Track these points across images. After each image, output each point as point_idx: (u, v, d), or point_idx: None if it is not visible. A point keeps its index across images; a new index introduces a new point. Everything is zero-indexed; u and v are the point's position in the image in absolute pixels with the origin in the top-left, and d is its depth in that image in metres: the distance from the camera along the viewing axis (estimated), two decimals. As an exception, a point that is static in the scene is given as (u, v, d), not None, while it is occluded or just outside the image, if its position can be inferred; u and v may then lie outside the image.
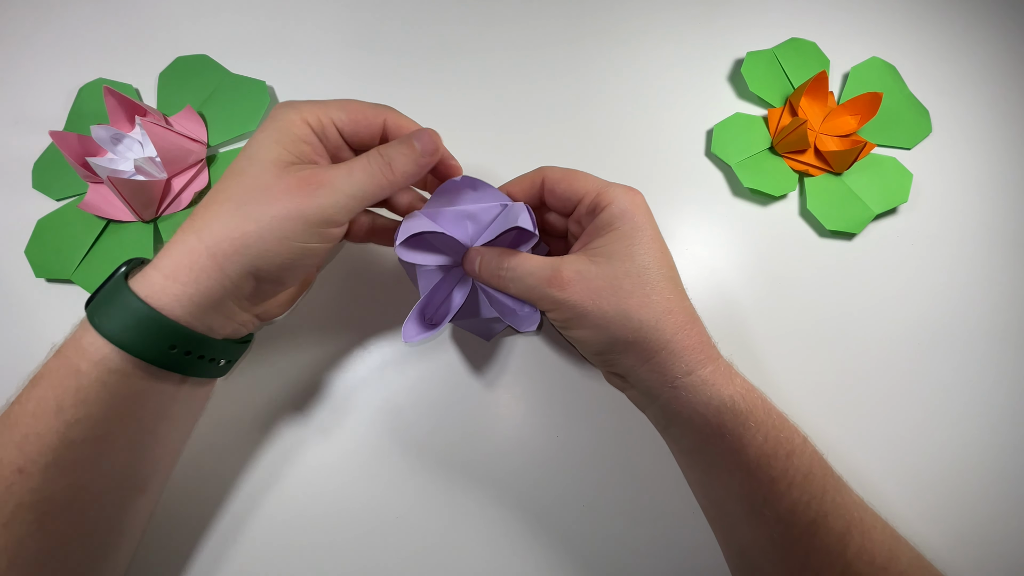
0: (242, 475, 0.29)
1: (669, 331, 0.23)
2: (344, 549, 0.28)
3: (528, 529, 0.29)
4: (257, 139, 0.23)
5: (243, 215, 0.21)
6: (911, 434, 0.31)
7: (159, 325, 0.21)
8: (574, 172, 0.26)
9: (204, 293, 0.21)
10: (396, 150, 0.24)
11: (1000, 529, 0.30)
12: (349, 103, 0.25)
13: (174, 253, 0.21)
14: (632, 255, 0.24)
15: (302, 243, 0.22)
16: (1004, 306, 0.34)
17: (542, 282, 0.24)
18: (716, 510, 0.26)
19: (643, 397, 0.25)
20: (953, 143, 0.37)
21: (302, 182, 0.22)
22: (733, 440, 0.23)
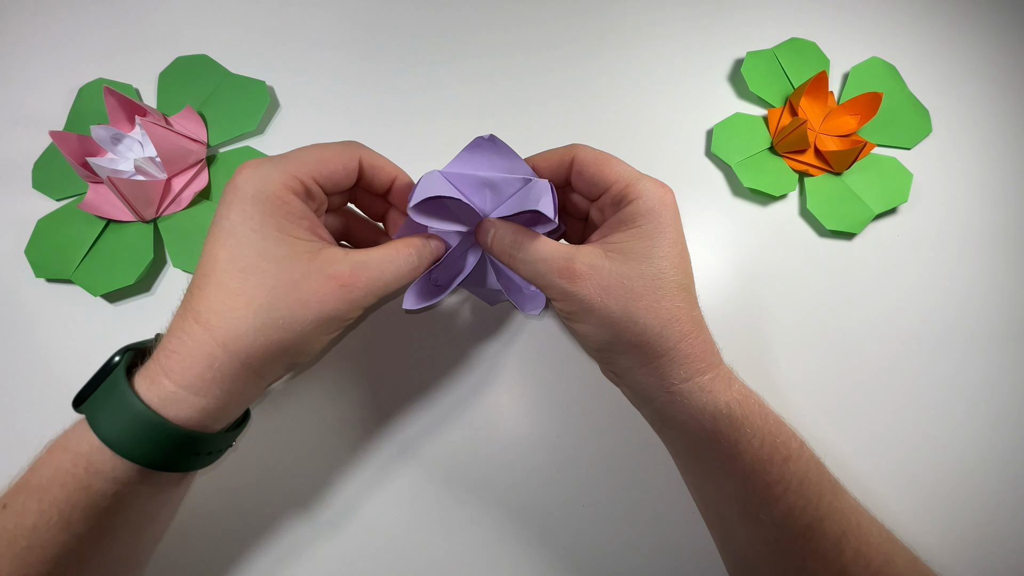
0: (222, 474, 0.29)
1: (673, 339, 0.23)
2: (342, 547, 0.28)
3: (528, 529, 0.29)
4: (253, 227, 0.21)
5: (278, 325, 0.20)
6: (911, 434, 0.31)
7: (183, 439, 0.20)
8: (607, 156, 0.25)
9: (238, 400, 0.21)
10: (428, 250, 0.25)
11: (1000, 530, 0.30)
12: (318, 151, 0.23)
13: (196, 366, 0.20)
14: (650, 256, 0.23)
15: (336, 332, 0.23)
16: (1004, 306, 0.34)
17: (553, 271, 0.23)
18: (712, 512, 0.26)
19: (637, 398, 0.25)
20: (953, 143, 0.37)
21: (335, 284, 0.21)
22: (728, 446, 0.23)
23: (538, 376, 0.31)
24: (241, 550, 0.28)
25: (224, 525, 0.28)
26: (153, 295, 0.33)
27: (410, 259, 0.24)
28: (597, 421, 0.31)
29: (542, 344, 0.32)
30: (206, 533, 0.28)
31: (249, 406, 0.24)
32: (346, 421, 0.30)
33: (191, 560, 0.28)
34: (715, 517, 0.26)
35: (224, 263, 0.21)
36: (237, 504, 0.29)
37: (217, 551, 0.28)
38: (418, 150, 0.35)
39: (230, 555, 0.28)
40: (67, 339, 0.32)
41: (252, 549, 0.28)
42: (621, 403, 0.30)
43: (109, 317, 0.32)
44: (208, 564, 0.28)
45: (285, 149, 0.34)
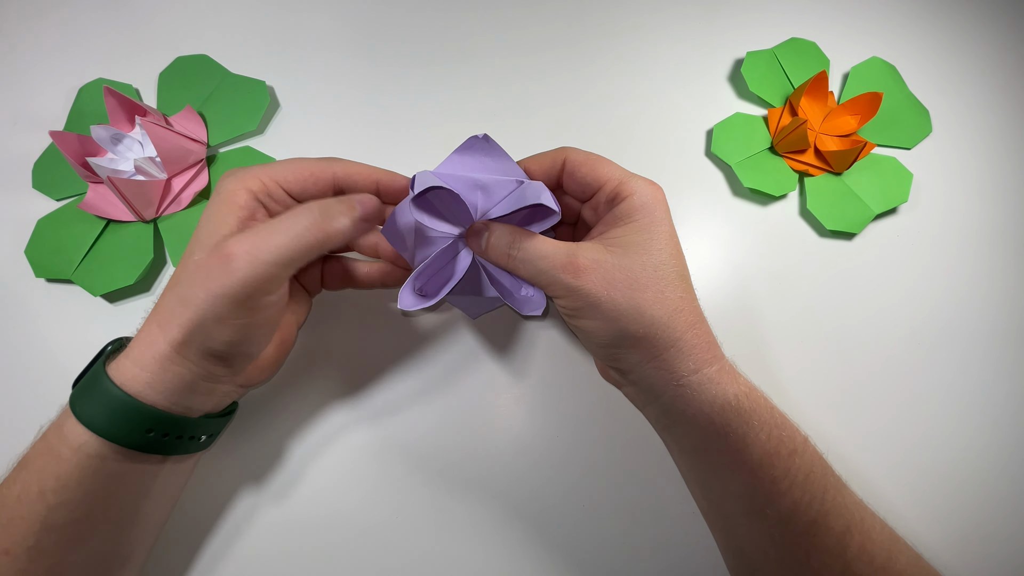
0: (235, 493, 0.29)
1: (679, 329, 0.23)
2: (343, 550, 0.28)
3: (528, 530, 0.29)
4: (202, 219, 0.23)
5: (183, 300, 0.21)
6: (911, 433, 0.31)
7: (134, 411, 0.21)
8: (597, 157, 0.25)
9: (173, 380, 0.21)
10: (335, 207, 0.22)
11: (1001, 528, 0.30)
12: (296, 161, 0.24)
13: (140, 342, 0.22)
14: (649, 249, 0.23)
15: (241, 320, 0.21)
16: (1004, 306, 0.34)
17: (556, 267, 0.23)
18: (715, 511, 0.26)
19: (645, 395, 0.25)
20: (953, 143, 0.37)
21: (221, 259, 0.20)
22: (736, 439, 0.22)
23: (537, 376, 0.31)
24: (195, 525, 0.28)
25: (221, 520, 0.28)
26: (153, 295, 0.33)
27: (307, 216, 0.21)
28: (596, 421, 0.31)
29: (541, 344, 0.32)
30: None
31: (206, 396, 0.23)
32: (343, 421, 0.30)
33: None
34: (719, 516, 0.25)
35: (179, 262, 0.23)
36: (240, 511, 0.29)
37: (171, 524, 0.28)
38: (418, 150, 0.35)
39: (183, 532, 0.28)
40: (67, 339, 0.32)
41: (208, 523, 0.28)
42: (619, 404, 0.30)
43: (109, 317, 0.32)
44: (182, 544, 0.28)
45: (285, 149, 0.34)
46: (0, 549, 0.21)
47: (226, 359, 0.22)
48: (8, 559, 0.21)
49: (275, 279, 0.21)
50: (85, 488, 0.21)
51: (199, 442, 0.24)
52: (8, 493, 0.21)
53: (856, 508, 0.23)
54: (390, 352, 0.31)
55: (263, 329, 0.23)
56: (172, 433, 0.22)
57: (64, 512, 0.21)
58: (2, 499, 0.21)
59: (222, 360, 0.22)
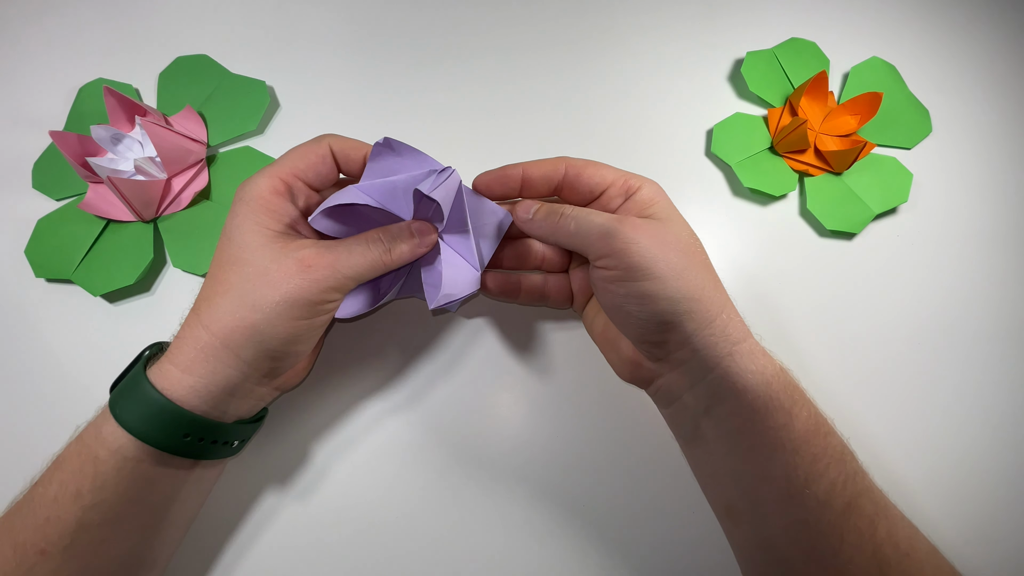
0: (254, 481, 0.29)
1: (722, 298, 0.23)
2: (347, 548, 0.28)
3: (526, 529, 0.29)
4: (237, 223, 0.23)
5: (248, 305, 0.22)
6: (911, 434, 0.31)
7: (173, 415, 0.22)
8: (595, 162, 0.26)
9: (222, 382, 0.22)
10: (398, 238, 0.25)
11: (1002, 529, 0.30)
12: (299, 152, 0.25)
13: (186, 347, 0.22)
14: (680, 224, 0.25)
15: (306, 320, 0.23)
16: (1005, 306, 0.34)
17: (611, 220, 0.23)
18: (747, 500, 0.24)
19: (689, 376, 0.24)
20: (953, 143, 0.37)
21: (301, 266, 0.22)
22: (782, 414, 0.22)
23: (537, 376, 0.31)
24: (218, 525, 0.28)
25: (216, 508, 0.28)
26: (153, 295, 0.33)
27: (379, 243, 0.24)
28: (596, 421, 0.31)
29: (542, 344, 0.32)
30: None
31: (246, 398, 0.24)
32: (342, 420, 0.30)
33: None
34: (751, 505, 0.24)
35: (217, 260, 0.24)
36: (234, 502, 0.29)
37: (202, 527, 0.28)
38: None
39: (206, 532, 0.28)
40: (67, 339, 0.32)
41: (231, 523, 0.28)
42: (619, 404, 0.31)
43: (109, 317, 0.32)
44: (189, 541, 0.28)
45: (285, 149, 0.34)
46: (37, 549, 0.21)
47: (279, 357, 0.23)
48: (44, 559, 0.21)
49: (344, 289, 0.24)
50: (120, 490, 0.22)
51: (231, 447, 0.25)
52: (44, 493, 0.22)
53: (880, 494, 0.23)
54: (409, 353, 0.31)
55: (318, 331, 0.24)
56: (207, 438, 0.23)
57: (98, 513, 0.21)
58: (38, 499, 0.22)
59: (274, 359, 0.23)
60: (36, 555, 0.21)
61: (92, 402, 0.24)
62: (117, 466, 0.21)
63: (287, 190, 0.24)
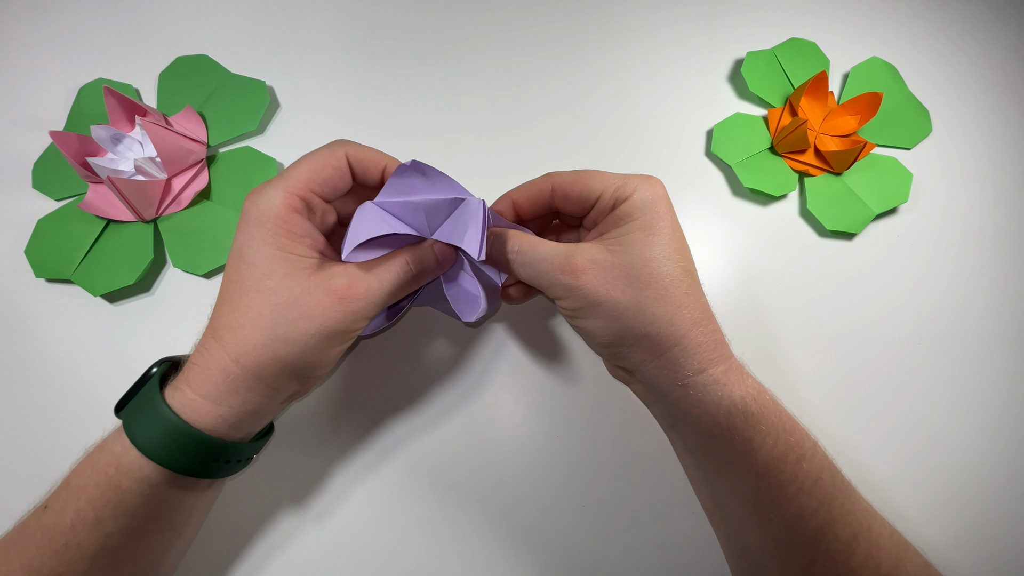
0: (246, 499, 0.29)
1: (683, 327, 0.22)
2: (363, 571, 0.28)
3: (525, 529, 0.29)
4: (254, 246, 0.22)
5: (283, 339, 0.21)
6: (911, 434, 0.31)
7: (204, 444, 0.21)
8: (585, 172, 0.25)
9: (252, 410, 0.22)
10: (425, 261, 0.25)
11: (1004, 529, 0.30)
12: (308, 161, 0.23)
13: (214, 378, 0.21)
14: (650, 245, 0.23)
15: (340, 347, 0.23)
16: (1004, 306, 0.34)
17: (555, 268, 0.23)
18: (720, 511, 0.25)
19: (649, 393, 0.25)
20: (953, 143, 0.37)
21: (335, 298, 0.22)
22: (742, 443, 0.22)
23: (536, 377, 0.31)
24: (235, 545, 0.28)
25: (215, 518, 0.28)
26: (153, 295, 0.33)
27: (407, 267, 0.24)
28: (596, 422, 0.31)
29: (541, 345, 0.32)
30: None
31: (269, 418, 0.24)
32: (361, 443, 0.30)
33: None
34: (723, 516, 0.25)
35: (234, 283, 0.22)
36: (230, 500, 0.29)
37: (207, 544, 0.28)
38: (419, 149, 0.35)
39: (221, 549, 0.28)
40: (67, 339, 0.32)
41: (246, 543, 0.28)
42: (619, 404, 0.31)
43: (109, 317, 0.32)
44: (198, 557, 0.28)
45: (285, 149, 0.34)
46: (55, 574, 0.21)
47: (307, 380, 0.24)
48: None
49: (374, 315, 0.24)
50: (143, 515, 0.22)
51: (249, 462, 0.25)
52: (60, 521, 0.21)
53: (865, 515, 0.23)
54: (387, 351, 0.31)
55: (343, 352, 0.24)
56: (232, 459, 0.23)
57: (119, 538, 0.21)
58: (53, 526, 0.21)
59: (302, 381, 0.23)
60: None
61: (92, 401, 0.24)
62: (141, 493, 0.21)
63: (304, 207, 0.23)
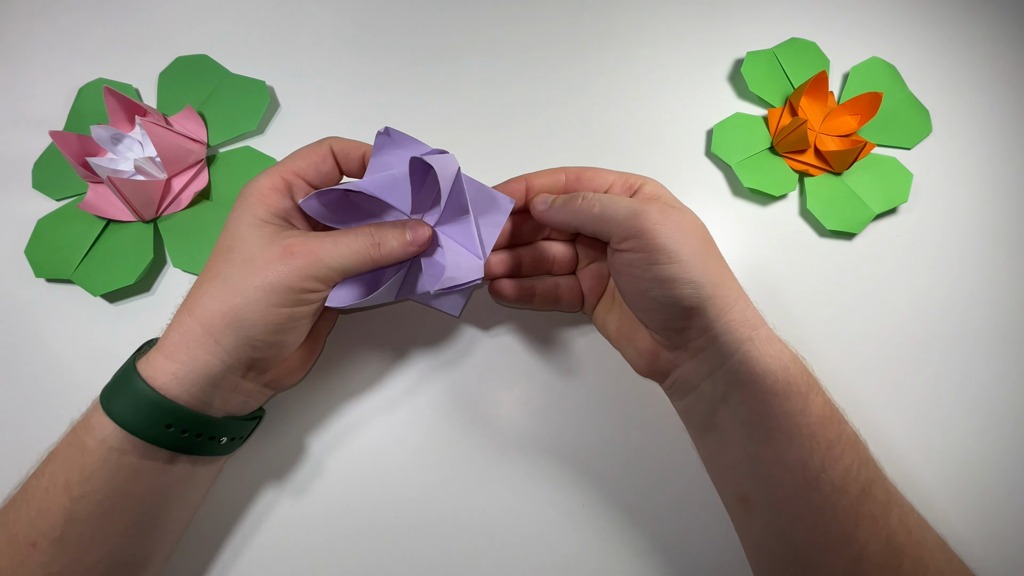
0: (252, 491, 0.29)
1: (737, 286, 0.24)
2: (346, 544, 0.28)
3: (525, 528, 0.29)
4: (234, 216, 0.24)
5: (230, 289, 0.22)
6: (910, 433, 0.31)
7: (155, 404, 0.21)
8: (594, 168, 0.27)
9: (201, 369, 0.22)
10: (389, 233, 0.24)
11: (1003, 528, 0.30)
12: (301, 153, 0.25)
13: (172, 333, 0.22)
14: (694, 215, 0.25)
15: (287, 308, 0.23)
16: (1005, 305, 0.34)
17: (636, 202, 0.24)
18: (761, 488, 0.24)
19: (708, 363, 0.24)
20: (953, 143, 0.37)
21: (284, 251, 0.22)
22: (800, 399, 0.23)
23: (537, 376, 0.31)
24: (217, 524, 0.28)
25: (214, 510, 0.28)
26: (153, 295, 0.33)
27: (368, 236, 0.24)
28: (596, 420, 0.31)
29: (542, 344, 0.32)
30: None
31: (230, 393, 0.23)
32: (338, 415, 0.30)
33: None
34: (766, 493, 0.24)
35: (212, 251, 0.24)
36: (227, 497, 0.29)
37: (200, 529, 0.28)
38: (418, 150, 0.35)
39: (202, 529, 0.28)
40: (67, 339, 0.32)
41: (229, 524, 0.28)
42: (620, 403, 0.31)
43: (109, 317, 0.32)
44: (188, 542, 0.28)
45: (285, 149, 0.34)
46: (28, 541, 0.21)
47: (260, 348, 0.23)
48: (34, 551, 0.21)
49: (327, 280, 0.23)
50: (106, 481, 0.21)
51: (220, 444, 0.24)
52: (37, 484, 0.22)
53: (891, 483, 0.24)
54: (406, 348, 0.32)
55: (301, 322, 0.24)
56: (191, 430, 0.23)
57: (87, 505, 0.21)
58: (31, 490, 0.22)
59: (255, 348, 0.23)
60: (27, 547, 0.21)
61: (92, 402, 0.23)
62: (103, 456, 0.21)
63: (286, 187, 0.25)
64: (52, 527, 0.21)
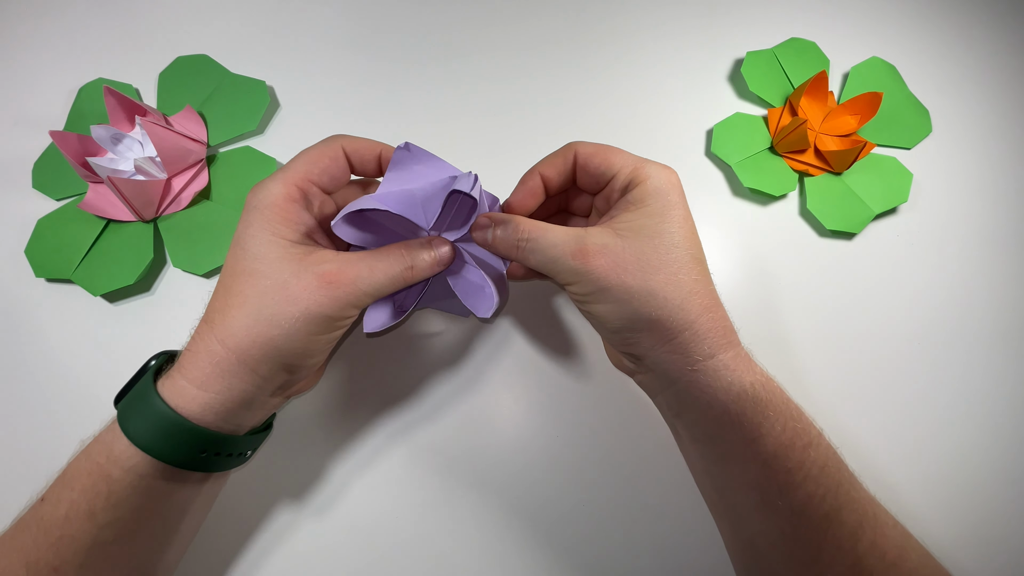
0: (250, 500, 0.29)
1: (694, 312, 0.22)
2: (363, 565, 0.28)
3: (525, 528, 0.29)
4: (252, 233, 0.22)
5: (265, 320, 0.21)
6: (910, 433, 0.31)
7: (190, 434, 0.21)
8: (608, 147, 0.25)
9: (238, 397, 0.22)
10: (420, 256, 0.24)
11: (1004, 528, 0.30)
12: (305, 154, 0.24)
13: (200, 361, 0.21)
14: (661, 232, 0.23)
15: (325, 335, 0.23)
16: (1004, 306, 0.34)
17: (565, 254, 0.23)
18: (725, 502, 0.25)
19: (658, 381, 0.24)
20: (953, 143, 0.37)
21: (322, 282, 0.22)
22: (751, 429, 0.22)
23: (537, 375, 0.31)
24: (231, 539, 0.28)
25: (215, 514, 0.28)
26: (153, 295, 0.33)
27: (401, 259, 0.24)
28: (595, 418, 0.31)
29: (542, 343, 0.32)
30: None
31: (260, 411, 0.24)
32: (360, 437, 0.30)
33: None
34: (728, 507, 0.25)
35: (229, 269, 0.23)
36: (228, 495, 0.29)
37: (205, 539, 0.28)
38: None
39: (219, 544, 0.28)
40: (67, 339, 0.32)
41: (243, 538, 0.28)
42: (619, 400, 0.31)
43: (109, 317, 0.32)
44: (196, 552, 0.28)
45: (285, 149, 0.34)
46: (50, 567, 0.21)
47: (295, 370, 0.23)
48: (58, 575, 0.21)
49: (363, 305, 0.23)
50: (134, 506, 0.21)
51: (243, 457, 0.25)
52: (55, 513, 0.21)
53: (869, 504, 0.23)
54: (426, 368, 0.31)
55: (333, 343, 0.24)
56: (223, 452, 0.23)
57: (113, 531, 0.21)
58: (49, 518, 0.21)
59: (290, 372, 0.23)
60: (50, 572, 0.21)
61: (92, 402, 0.24)
62: (132, 484, 0.21)
63: (302, 197, 0.24)
64: (76, 553, 0.21)
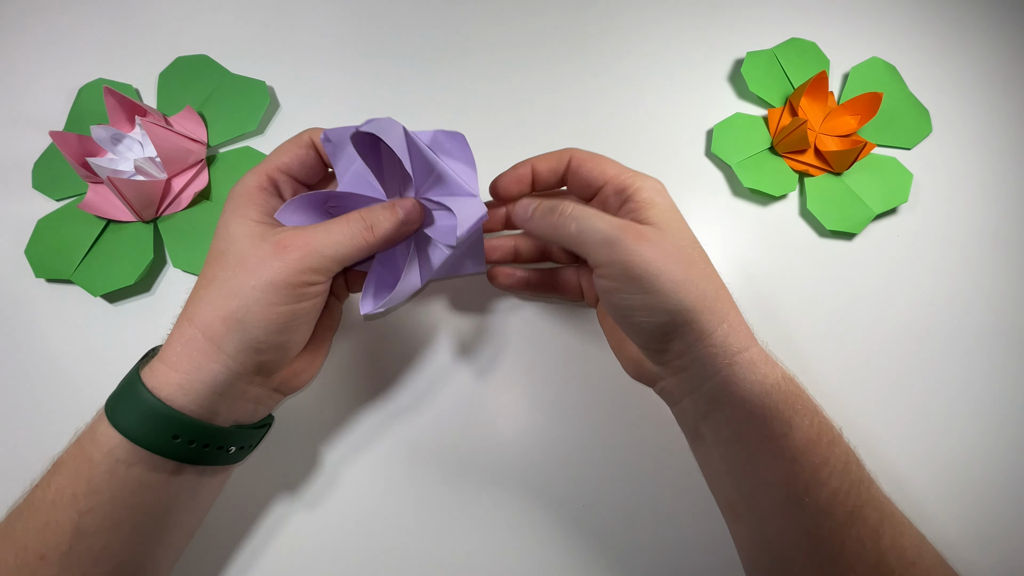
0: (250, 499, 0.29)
1: (726, 306, 0.23)
2: (358, 556, 0.28)
3: (525, 528, 0.29)
4: (224, 219, 0.23)
5: (226, 293, 0.22)
6: (911, 433, 0.31)
7: (160, 415, 0.21)
8: (601, 156, 0.26)
9: (207, 378, 0.21)
10: (379, 214, 0.24)
11: (1005, 530, 0.30)
12: (284, 148, 0.25)
13: (174, 343, 0.22)
14: (683, 228, 0.24)
15: (288, 305, 0.22)
16: (1004, 306, 0.34)
17: (614, 228, 0.22)
18: (745, 503, 0.24)
19: (689, 382, 0.24)
20: (953, 143, 0.37)
21: (276, 246, 0.22)
22: (781, 424, 0.22)
23: (537, 375, 0.31)
24: (230, 537, 0.28)
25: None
26: (153, 295, 0.33)
27: (359, 220, 0.23)
28: (596, 421, 0.31)
29: (543, 343, 0.32)
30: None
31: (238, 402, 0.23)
32: (351, 426, 0.30)
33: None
34: (749, 508, 0.24)
35: (208, 257, 0.24)
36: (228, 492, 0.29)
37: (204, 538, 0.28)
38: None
39: (213, 539, 0.28)
40: (67, 339, 0.32)
41: (240, 536, 0.28)
42: (620, 402, 0.31)
43: (109, 317, 0.32)
44: (197, 551, 0.28)
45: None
46: (37, 554, 0.21)
47: (263, 350, 0.22)
48: (43, 564, 0.21)
49: (326, 271, 0.23)
50: (113, 494, 0.21)
51: (228, 454, 0.24)
52: (43, 497, 0.21)
53: (887, 503, 0.23)
54: (410, 355, 0.31)
55: (304, 319, 0.23)
56: (199, 441, 0.22)
57: (94, 519, 0.21)
58: (38, 503, 0.21)
59: (258, 351, 0.22)
60: (36, 560, 0.20)
61: (92, 402, 0.23)
62: (110, 468, 0.21)
63: (272, 184, 0.24)
64: (60, 541, 0.21)
